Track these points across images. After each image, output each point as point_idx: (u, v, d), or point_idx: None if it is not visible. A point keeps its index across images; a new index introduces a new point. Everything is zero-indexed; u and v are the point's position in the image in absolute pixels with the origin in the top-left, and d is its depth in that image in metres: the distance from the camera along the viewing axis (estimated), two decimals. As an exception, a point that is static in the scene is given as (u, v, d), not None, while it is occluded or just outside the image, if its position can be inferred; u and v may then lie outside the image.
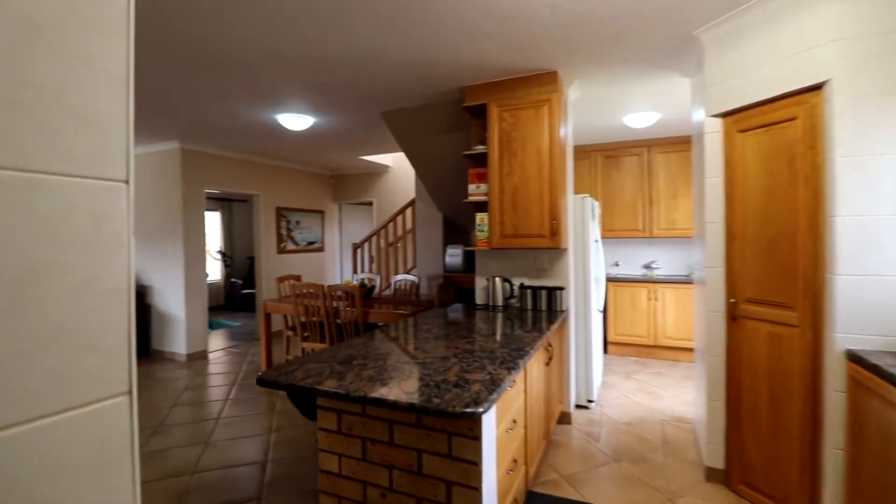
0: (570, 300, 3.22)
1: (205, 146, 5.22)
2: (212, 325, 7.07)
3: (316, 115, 3.92)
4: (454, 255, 4.96)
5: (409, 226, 6.13)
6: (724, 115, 2.38)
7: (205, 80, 3.08)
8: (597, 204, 3.85)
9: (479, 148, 3.10)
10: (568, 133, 3.25)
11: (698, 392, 2.83)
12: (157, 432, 3.14)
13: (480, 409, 1.31)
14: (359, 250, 6.27)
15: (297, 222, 6.74)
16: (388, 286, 5.96)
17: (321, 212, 7.21)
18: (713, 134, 2.42)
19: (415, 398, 1.39)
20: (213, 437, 3.07)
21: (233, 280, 8.82)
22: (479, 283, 3.38)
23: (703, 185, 2.51)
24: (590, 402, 3.45)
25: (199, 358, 5.17)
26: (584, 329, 3.44)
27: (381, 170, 7.01)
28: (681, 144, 4.89)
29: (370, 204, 7.47)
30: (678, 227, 4.95)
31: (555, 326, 2.61)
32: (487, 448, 1.46)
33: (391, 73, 2.92)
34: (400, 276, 4.94)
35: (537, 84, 2.94)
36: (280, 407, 3.59)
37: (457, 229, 5.30)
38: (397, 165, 6.94)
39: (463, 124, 3.66)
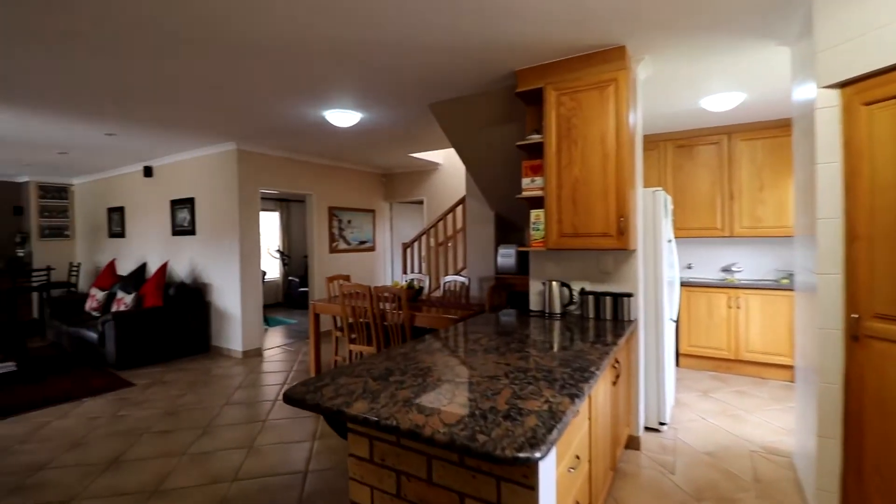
0: (640, 308, 2.83)
1: (259, 147, 5.30)
2: (269, 322, 7.27)
3: (363, 109, 3.79)
4: (507, 256, 4.67)
5: (459, 224, 5.91)
6: (843, 84, 1.93)
7: (254, 72, 3.03)
8: (669, 199, 3.41)
9: (534, 137, 2.80)
10: (637, 118, 2.86)
11: (801, 422, 2.36)
12: (206, 432, 3.14)
13: (537, 455, 1.05)
14: (408, 250, 6.14)
15: (349, 221, 6.73)
16: (438, 287, 5.77)
17: (372, 211, 7.18)
18: (827, 109, 1.96)
19: (456, 433, 1.15)
20: (257, 440, 3.01)
21: (290, 278, 9.06)
22: (534, 286, 3.08)
23: (812, 174, 2.06)
24: (662, 424, 3.03)
25: (254, 355, 5.26)
26: (655, 341, 3.03)
27: (431, 168, 6.84)
28: (769, 130, 4.27)
29: (421, 202, 7.34)
30: (764, 225, 4.34)
31: (623, 339, 2.26)
32: (545, 498, 1.19)
33: (440, 53, 2.67)
34: (449, 278, 4.73)
35: (601, 62, 2.59)
36: (326, 411, 3.51)
37: (510, 228, 5.00)
38: (448, 163, 6.74)
39: (516, 114, 3.37)
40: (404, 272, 6.01)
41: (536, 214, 2.77)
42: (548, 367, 1.74)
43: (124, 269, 6.77)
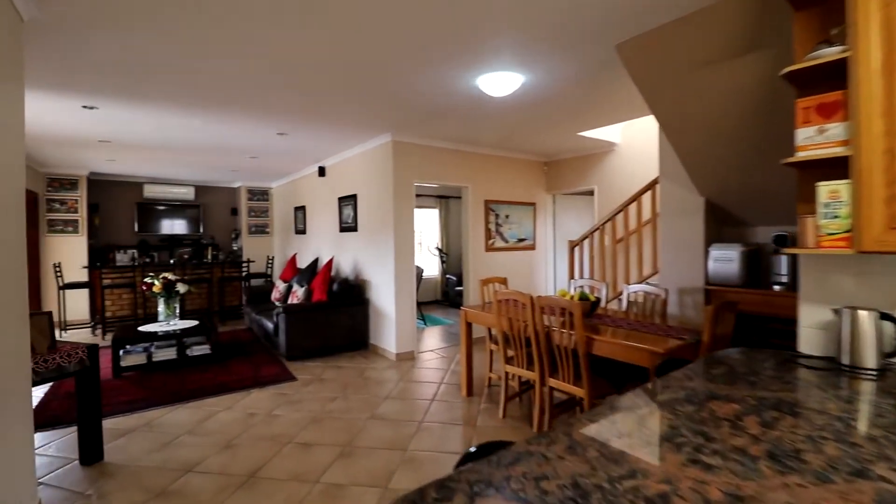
0: None
1: (413, 136, 4.97)
2: (426, 321, 7.08)
3: (525, 69, 2.99)
4: (725, 260, 3.34)
5: (645, 216, 4.66)
6: None
7: (404, 35, 2.52)
8: None
9: (826, 53, 1.58)
10: None
11: None
12: (344, 453, 2.78)
13: None
14: (576, 249, 5.13)
15: (507, 217, 6.03)
16: (616, 297, 4.63)
17: (532, 204, 6.34)
18: None
19: None
20: (395, 478, 2.50)
21: (448, 276, 8.86)
22: (812, 314, 1.84)
23: None
24: None
25: (406, 358, 4.97)
26: None
27: (606, 149, 5.65)
28: None
29: (590, 193, 6.21)
30: None
31: None
32: None
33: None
34: (635, 287, 3.60)
35: None
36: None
37: (726, 220, 3.60)
38: (627, 142, 5.47)
39: (765, 34, 2.15)
40: (571, 276, 5.02)
41: (831, 190, 1.56)
42: None
43: (303, 263, 7.36)
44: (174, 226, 8.39)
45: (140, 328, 4.84)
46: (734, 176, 3.14)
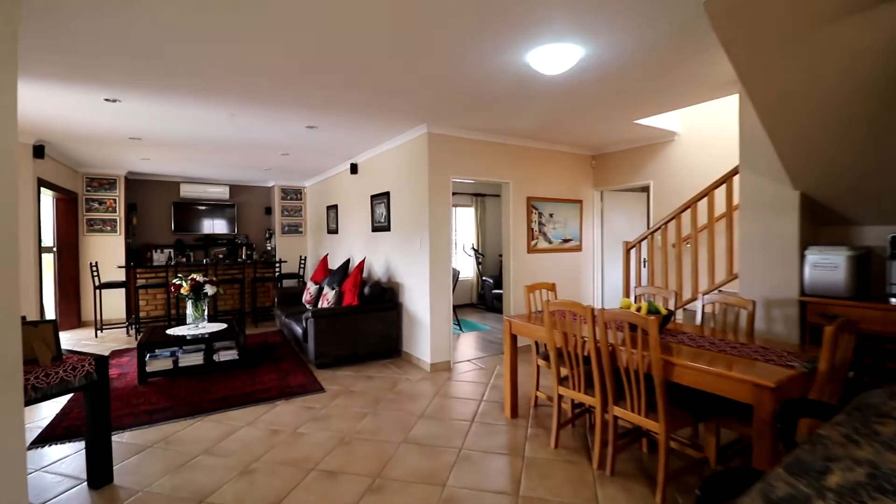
0: None
1: (451, 128, 4.58)
2: (462, 326, 6.69)
3: (585, 39, 2.54)
4: (828, 266, 2.78)
5: (718, 212, 4.09)
6: None
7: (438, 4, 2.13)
8: None
9: None
10: None
11: None
12: (372, 488, 2.42)
13: None
14: (632, 251, 4.60)
15: (551, 215, 5.54)
16: (681, 307, 4.08)
17: (578, 202, 5.82)
18: None
19: None
20: (431, 523, 2.11)
21: (484, 279, 8.43)
22: None
23: None
24: None
25: (442, 369, 4.60)
26: None
27: (665, 139, 5.08)
28: None
29: (644, 189, 5.64)
30: None
31: None
32: None
33: None
34: (712, 296, 3.06)
35: None
36: (530, 457, 2.41)
37: (825, 218, 3.02)
38: (689, 130, 4.88)
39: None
40: (628, 283, 4.50)
41: None
42: None
43: (335, 263, 7.12)
44: (209, 225, 8.37)
45: (168, 331, 4.69)
46: (843, 163, 2.57)
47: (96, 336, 6.23)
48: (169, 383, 4.18)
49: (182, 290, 4.65)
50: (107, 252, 7.09)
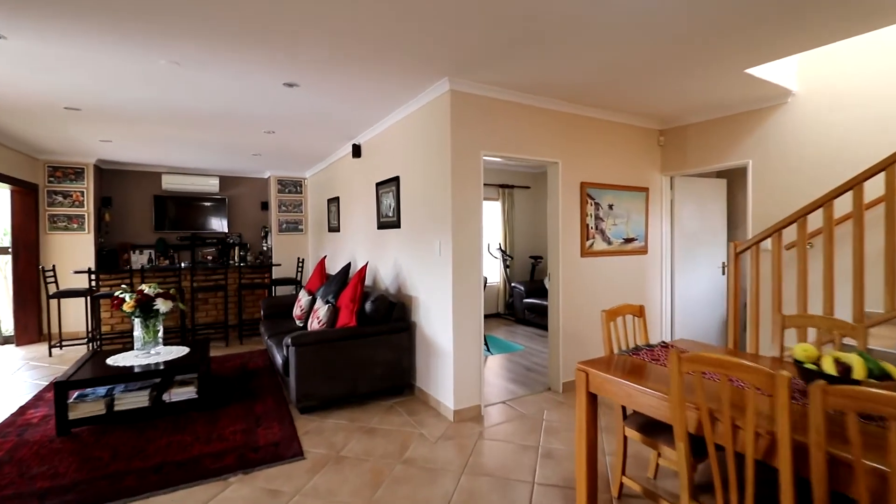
0: None
1: (480, 84, 3.32)
2: (489, 345, 5.43)
3: None
4: None
5: (869, 198, 2.72)
6: None
7: None
8: None
9: None
10: None
11: None
12: None
13: None
14: (742, 257, 3.27)
15: (611, 207, 4.24)
16: (829, 343, 2.73)
17: (644, 190, 4.49)
18: None
19: None
20: None
21: (513, 285, 7.14)
22: None
23: None
24: None
25: (469, 419, 3.35)
26: None
27: (774, 101, 3.71)
28: None
29: (719, 175, 4.28)
30: None
31: None
32: None
33: None
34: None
35: None
36: None
37: None
38: (809, 89, 3.52)
39: None
40: (736, 304, 3.17)
41: None
42: None
43: (334, 268, 5.94)
44: (196, 222, 7.30)
45: (110, 359, 3.56)
46: None
47: (50, 354, 5.18)
48: (96, 436, 3.04)
49: (125, 307, 3.51)
50: (73, 253, 6.05)
